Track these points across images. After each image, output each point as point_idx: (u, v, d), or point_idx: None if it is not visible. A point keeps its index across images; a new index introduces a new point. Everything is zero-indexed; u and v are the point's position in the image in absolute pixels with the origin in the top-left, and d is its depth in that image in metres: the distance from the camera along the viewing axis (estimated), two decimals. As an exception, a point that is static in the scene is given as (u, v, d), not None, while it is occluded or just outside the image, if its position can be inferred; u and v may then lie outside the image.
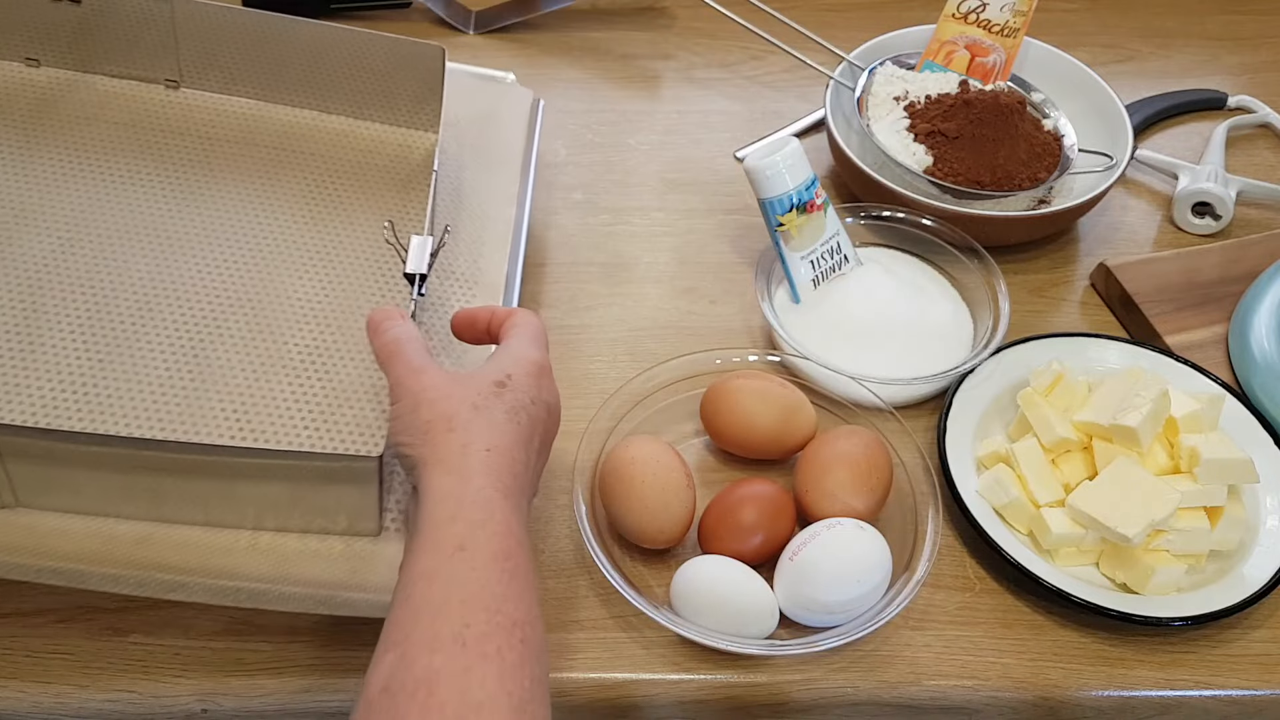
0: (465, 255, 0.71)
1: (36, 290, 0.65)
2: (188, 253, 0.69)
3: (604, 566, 0.62)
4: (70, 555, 0.57)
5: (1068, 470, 0.69)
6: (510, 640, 0.45)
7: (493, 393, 0.53)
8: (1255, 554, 0.67)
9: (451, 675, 0.44)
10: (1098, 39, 1.08)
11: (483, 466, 0.50)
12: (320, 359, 0.65)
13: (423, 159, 0.77)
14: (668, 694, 0.63)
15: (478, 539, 0.48)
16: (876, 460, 0.67)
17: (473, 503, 0.49)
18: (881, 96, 0.90)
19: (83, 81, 0.76)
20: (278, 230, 0.71)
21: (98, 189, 0.71)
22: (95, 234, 0.69)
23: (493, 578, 0.47)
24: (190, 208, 0.71)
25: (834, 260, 0.80)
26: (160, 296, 0.66)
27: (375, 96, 0.77)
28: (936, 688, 0.64)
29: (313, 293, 0.68)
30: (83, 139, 0.74)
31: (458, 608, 0.46)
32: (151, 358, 0.63)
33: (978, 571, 0.69)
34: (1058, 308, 0.84)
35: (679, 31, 1.06)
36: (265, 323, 0.66)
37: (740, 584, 0.63)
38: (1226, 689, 0.64)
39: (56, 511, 0.58)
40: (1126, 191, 0.94)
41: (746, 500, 0.66)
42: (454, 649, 0.44)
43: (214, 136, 0.76)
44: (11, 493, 0.57)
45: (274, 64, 0.76)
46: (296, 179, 0.74)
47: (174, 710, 0.61)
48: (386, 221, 0.72)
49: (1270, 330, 0.78)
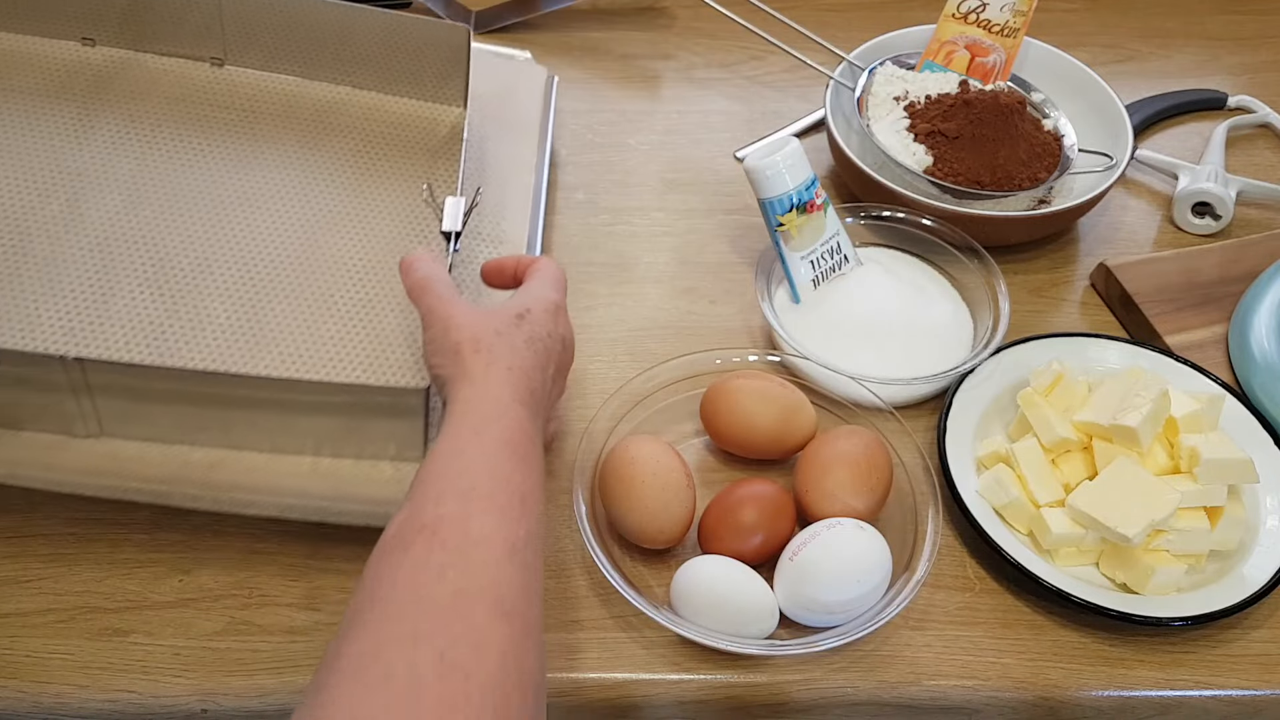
0: (490, 218, 0.77)
1: (107, 247, 0.71)
2: (239, 214, 0.75)
3: (604, 566, 0.62)
4: (151, 478, 0.63)
5: (1068, 470, 0.69)
6: (511, 500, 0.51)
7: (513, 323, 0.59)
8: (1255, 554, 0.67)
9: (454, 520, 0.49)
10: (1098, 39, 1.08)
11: (503, 380, 0.56)
12: (365, 309, 0.71)
13: (449, 131, 0.82)
14: (668, 694, 0.63)
15: (491, 429, 0.54)
16: (876, 460, 0.67)
17: (492, 403, 0.55)
18: (881, 96, 0.90)
19: (135, 60, 0.82)
20: (319, 194, 0.77)
21: (153, 157, 0.77)
22: (154, 198, 0.75)
23: (502, 457, 0.53)
24: (238, 174, 0.77)
25: (834, 260, 0.80)
26: (217, 253, 0.72)
27: (404, 73, 0.82)
28: (936, 688, 0.64)
29: (355, 250, 0.74)
30: (138, 112, 0.80)
31: (466, 475, 0.51)
32: (213, 307, 0.69)
33: (978, 571, 0.69)
34: (1058, 308, 0.84)
35: (679, 31, 1.06)
36: (313, 277, 0.72)
37: (740, 584, 0.63)
38: (1226, 689, 0.64)
39: (136, 440, 0.63)
40: (1126, 191, 0.94)
41: (746, 500, 0.66)
42: (458, 501, 0.50)
43: (257, 110, 0.82)
44: (97, 424, 0.63)
45: (309, 43, 0.81)
46: (334, 149, 0.80)
47: (174, 710, 0.61)
48: (425, 184, 0.78)
49: (1270, 330, 0.78)
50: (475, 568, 0.48)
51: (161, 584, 0.65)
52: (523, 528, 0.50)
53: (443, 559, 0.48)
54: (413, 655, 0.44)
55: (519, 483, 0.52)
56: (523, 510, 0.51)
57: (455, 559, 0.48)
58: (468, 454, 0.52)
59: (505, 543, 0.49)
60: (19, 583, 0.65)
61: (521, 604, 0.48)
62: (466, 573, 0.47)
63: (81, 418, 0.62)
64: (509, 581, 0.48)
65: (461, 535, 0.48)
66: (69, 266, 0.70)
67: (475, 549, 0.48)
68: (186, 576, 0.66)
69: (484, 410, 0.54)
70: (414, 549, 0.48)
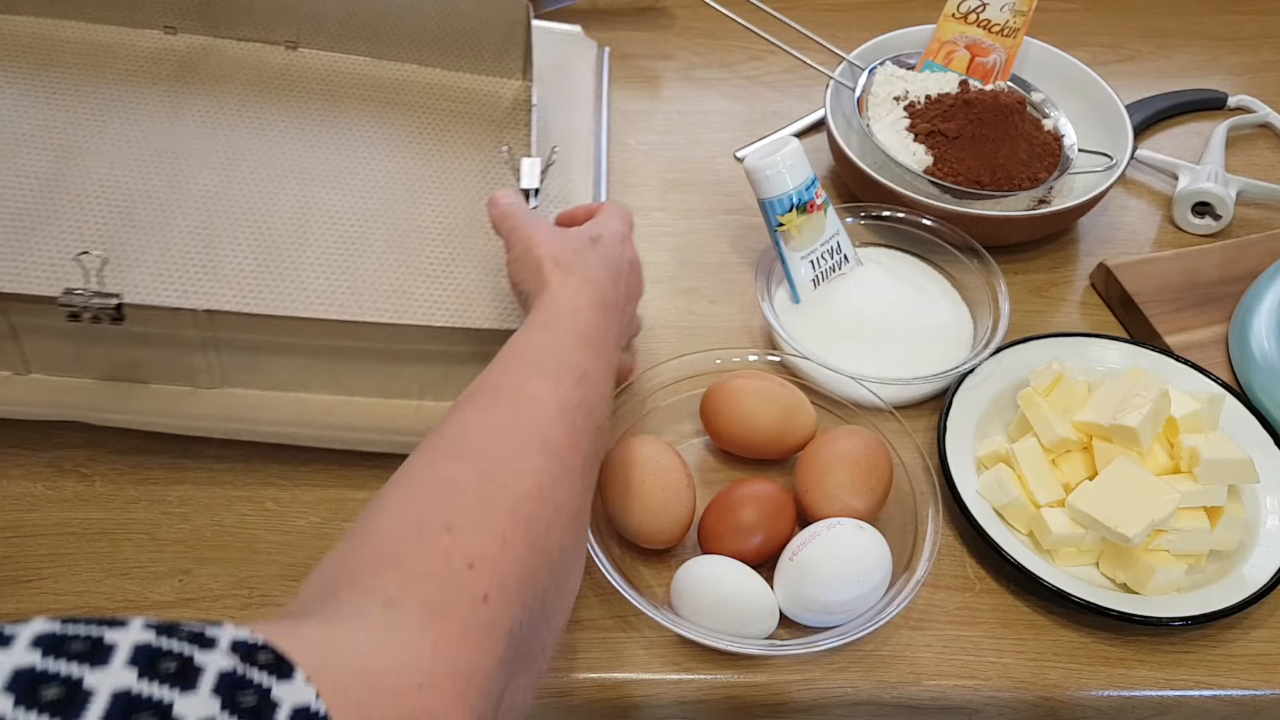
0: (556, 181, 0.83)
1: (209, 218, 0.76)
2: (325, 185, 0.80)
3: (604, 566, 0.62)
4: (274, 421, 0.69)
5: (1068, 470, 0.69)
6: (571, 373, 0.55)
7: (588, 244, 0.63)
8: (1255, 554, 0.67)
9: (513, 383, 0.54)
10: (1098, 39, 1.08)
11: (579, 288, 0.60)
12: (449, 266, 0.76)
13: (510, 102, 0.88)
14: (667, 694, 0.63)
15: (564, 323, 0.58)
16: (876, 460, 0.67)
17: (568, 304, 0.59)
18: (881, 96, 0.90)
19: (214, 45, 0.87)
20: (396, 164, 0.82)
21: (242, 135, 0.82)
22: (247, 172, 0.80)
23: (570, 344, 0.57)
24: (321, 148, 0.82)
25: (834, 260, 0.80)
26: (309, 222, 0.77)
27: (464, 49, 0.88)
28: (936, 688, 0.64)
29: (435, 214, 0.79)
30: (223, 93, 0.85)
31: (533, 354, 0.56)
32: (311, 269, 0.74)
33: (978, 571, 0.69)
34: (1058, 308, 0.84)
35: (679, 31, 1.06)
36: (399, 239, 0.77)
37: (740, 584, 0.63)
38: (1226, 689, 0.64)
39: (257, 389, 0.70)
40: (1126, 191, 0.94)
41: (746, 500, 0.66)
42: (521, 370, 0.55)
43: (331, 89, 0.87)
44: (221, 375, 0.69)
45: (375, 23, 0.87)
46: (406, 122, 0.85)
47: (174, 710, 0.61)
48: (504, 146, 0.83)
49: (1270, 330, 0.78)
50: (525, 416, 0.52)
51: (161, 584, 0.65)
52: (577, 394, 0.54)
53: (496, 407, 0.53)
54: (455, 469, 0.49)
55: (581, 361, 0.56)
56: (580, 381, 0.55)
57: (507, 408, 0.53)
58: (538, 340, 0.57)
59: (556, 401, 0.53)
60: (19, 583, 0.65)
61: (565, 449, 0.52)
62: (515, 418, 0.52)
63: (207, 370, 0.68)
64: (553, 429, 0.52)
65: (516, 393, 0.53)
66: (177, 237, 0.75)
67: (527, 403, 0.53)
68: (186, 576, 0.66)
69: (560, 308, 0.59)
70: (475, 401, 0.53)
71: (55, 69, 0.84)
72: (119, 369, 0.69)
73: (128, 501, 0.69)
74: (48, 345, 0.67)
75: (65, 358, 0.68)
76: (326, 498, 0.70)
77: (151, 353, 0.67)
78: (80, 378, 0.69)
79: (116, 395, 0.69)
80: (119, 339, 0.66)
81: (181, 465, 0.71)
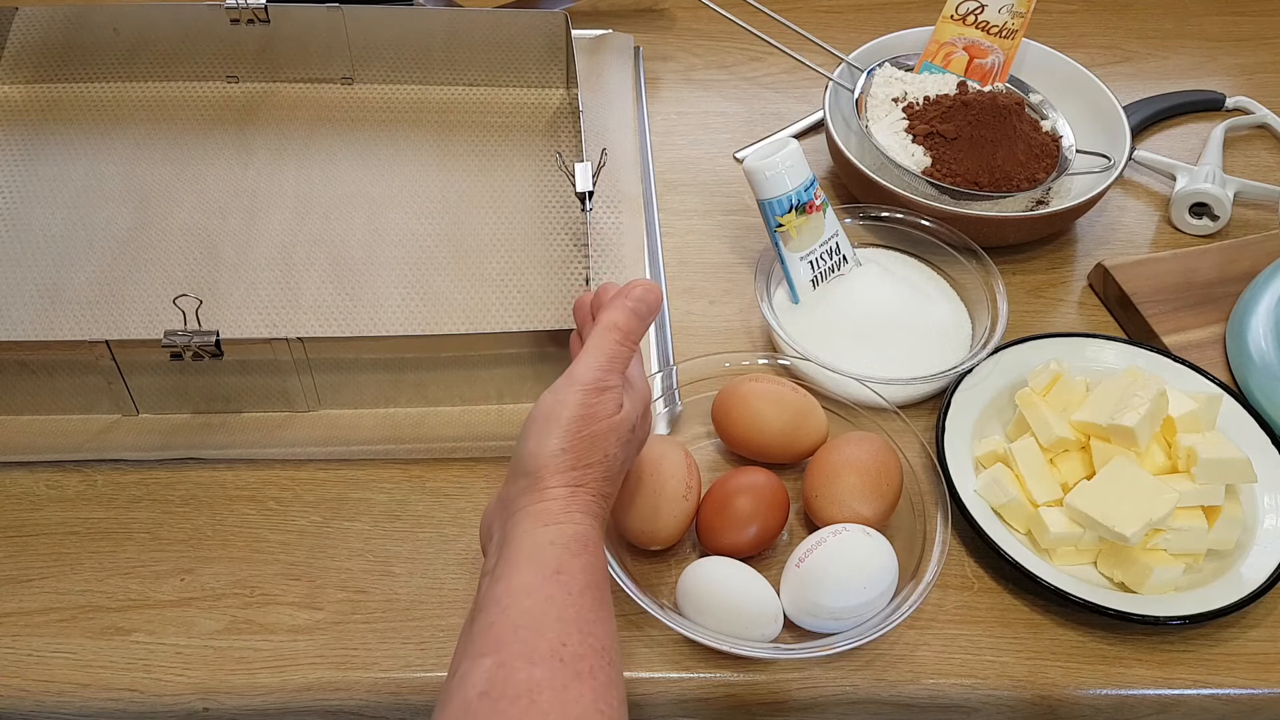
0: (605, 180, 0.87)
1: (286, 250, 0.81)
2: (390, 208, 0.84)
3: (610, 566, 0.62)
4: (367, 439, 0.72)
5: (1066, 470, 0.69)
6: (600, 662, 0.50)
7: (627, 439, 0.58)
8: (1253, 553, 0.67)
9: (552, 689, 0.48)
10: (1096, 40, 1.08)
11: (589, 506, 0.55)
12: (514, 275, 0.80)
13: (555, 110, 0.93)
14: (667, 692, 0.63)
15: (574, 567, 0.53)
16: (887, 467, 0.67)
17: (574, 535, 0.54)
18: (880, 98, 0.90)
19: (275, 89, 0.93)
20: (456, 182, 0.87)
21: (309, 169, 0.87)
22: (315, 204, 0.85)
23: (585, 603, 0.52)
24: (382, 174, 0.87)
25: (833, 261, 0.80)
26: (378, 244, 0.82)
27: (508, 65, 0.93)
28: (935, 687, 0.64)
29: (495, 225, 0.84)
30: (287, 132, 0.90)
31: (555, 625, 0.51)
32: (386, 289, 0.79)
33: (976, 571, 0.69)
34: (1055, 308, 0.85)
35: (678, 32, 1.06)
36: (465, 253, 0.82)
37: (746, 587, 0.63)
38: (1224, 688, 0.65)
39: (348, 409, 0.73)
40: (1124, 192, 0.94)
41: (740, 491, 0.66)
42: (553, 663, 0.49)
43: (388, 118, 0.92)
44: (316, 398, 0.73)
45: (423, 51, 0.92)
46: (461, 141, 0.90)
47: (175, 709, 0.61)
48: (557, 152, 0.88)
49: (1268, 330, 0.78)
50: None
51: (163, 583, 0.65)
52: (614, 694, 0.50)
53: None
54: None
55: (602, 635, 0.52)
56: (611, 673, 0.51)
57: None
58: (555, 599, 0.52)
59: (601, 717, 0.49)
60: (21, 582, 0.65)
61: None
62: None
63: (302, 394, 0.72)
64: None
65: (560, 711, 0.48)
66: (258, 271, 0.79)
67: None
68: (188, 575, 0.66)
69: (567, 542, 0.54)
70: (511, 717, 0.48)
71: (130, 125, 0.89)
72: (217, 401, 0.72)
73: (130, 501, 0.69)
74: (151, 384, 0.71)
75: (168, 395, 0.72)
76: (328, 497, 0.70)
77: (249, 381, 0.71)
78: (182, 413, 0.73)
79: (220, 429, 0.72)
80: (218, 372, 0.70)
81: (183, 465, 0.71)
